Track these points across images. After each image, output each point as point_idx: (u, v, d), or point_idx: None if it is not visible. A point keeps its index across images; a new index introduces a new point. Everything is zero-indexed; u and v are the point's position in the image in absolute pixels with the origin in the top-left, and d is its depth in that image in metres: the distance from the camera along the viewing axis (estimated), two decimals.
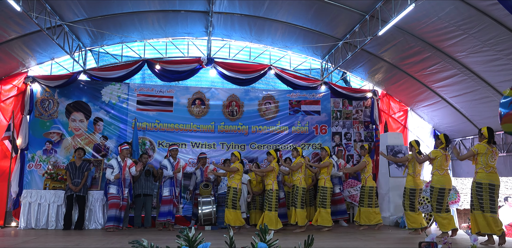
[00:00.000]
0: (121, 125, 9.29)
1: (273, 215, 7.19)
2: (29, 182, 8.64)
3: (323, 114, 10.13)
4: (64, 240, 6.30)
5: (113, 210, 7.47)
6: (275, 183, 7.37)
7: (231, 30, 9.42)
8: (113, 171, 7.60)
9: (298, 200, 7.41)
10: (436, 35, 7.26)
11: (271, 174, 7.38)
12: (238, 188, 7.37)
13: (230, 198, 7.35)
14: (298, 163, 7.56)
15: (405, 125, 10.35)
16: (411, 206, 7.22)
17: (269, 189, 7.30)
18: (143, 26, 9.01)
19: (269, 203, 7.23)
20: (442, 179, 6.58)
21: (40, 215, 7.83)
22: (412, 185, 7.26)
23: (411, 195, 7.22)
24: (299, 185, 7.46)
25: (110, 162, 7.76)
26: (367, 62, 9.48)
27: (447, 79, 8.25)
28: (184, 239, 2.54)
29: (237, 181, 7.40)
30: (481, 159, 5.91)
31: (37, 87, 9.12)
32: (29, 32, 7.88)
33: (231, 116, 9.81)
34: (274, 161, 7.44)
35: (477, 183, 5.87)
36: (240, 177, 7.47)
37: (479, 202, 5.81)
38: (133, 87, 9.51)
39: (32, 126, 8.92)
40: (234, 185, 7.38)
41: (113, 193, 7.54)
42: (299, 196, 7.42)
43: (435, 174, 6.66)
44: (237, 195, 7.34)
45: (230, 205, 7.32)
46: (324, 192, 7.63)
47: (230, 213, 7.32)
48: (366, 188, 7.86)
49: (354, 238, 6.56)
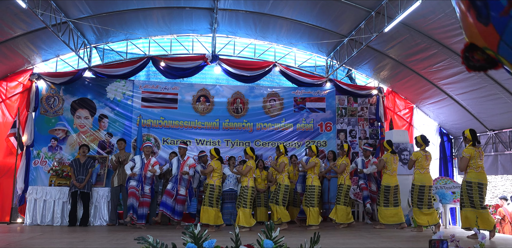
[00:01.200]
0: (126, 122, 9.31)
1: (247, 212, 7.11)
2: (34, 178, 8.68)
3: (328, 111, 10.10)
4: (69, 236, 6.32)
5: (131, 199, 7.46)
6: (251, 180, 7.25)
7: (236, 27, 9.39)
8: (134, 166, 7.62)
9: (280, 198, 7.31)
10: (442, 32, 7.21)
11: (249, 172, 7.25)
12: (216, 185, 7.16)
13: (207, 196, 7.13)
14: (281, 163, 7.44)
15: (411, 122, 10.31)
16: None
17: (245, 186, 7.18)
18: (148, 23, 9.00)
19: (244, 200, 7.12)
20: (422, 177, 6.95)
21: (46, 212, 7.86)
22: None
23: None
24: (282, 183, 7.38)
25: (134, 157, 7.77)
26: (372, 59, 9.43)
27: (453, 76, 8.20)
28: (190, 236, 2.53)
29: (215, 178, 7.19)
30: (471, 162, 6.17)
31: (43, 84, 9.15)
32: (34, 29, 7.89)
33: (236, 113, 9.80)
34: (252, 160, 7.34)
35: (467, 182, 6.15)
36: (218, 174, 7.24)
37: (469, 200, 6.08)
38: (138, 84, 9.52)
39: (37, 123, 8.95)
40: (211, 182, 7.19)
41: (133, 185, 7.57)
42: (281, 193, 7.34)
43: (416, 173, 7.03)
44: (214, 193, 7.15)
45: (207, 203, 7.10)
46: (311, 191, 7.47)
47: (207, 211, 7.07)
48: (344, 187, 7.66)
49: (360, 235, 6.54)
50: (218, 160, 7.33)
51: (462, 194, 6.18)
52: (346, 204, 7.60)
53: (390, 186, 7.48)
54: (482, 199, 6.04)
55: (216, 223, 7.07)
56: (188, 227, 2.56)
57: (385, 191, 7.46)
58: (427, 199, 6.90)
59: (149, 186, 7.68)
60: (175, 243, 2.61)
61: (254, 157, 7.49)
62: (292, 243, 3.51)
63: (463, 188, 6.18)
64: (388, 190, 7.46)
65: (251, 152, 7.42)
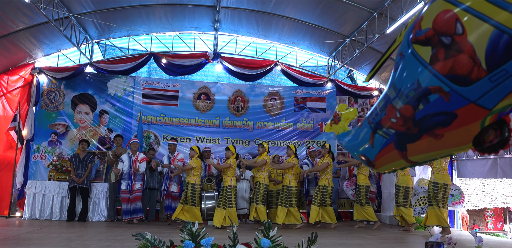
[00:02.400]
0: (126, 118, 9.31)
1: (233, 212, 7.10)
2: (34, 173, 8.69)
3: (329, 112, 10.10)
4: (67, 231, 6.34)
5: (124, 205, 7.56)
6: (233, 179, 7.22)
7: (238, 25, 9.39)
8: (123, 165, 7.64)
9: (260, 197, 7.27)
10: None
11: (229, 171, 7.19)
12: (196, 184, 7.20)
13: (189, 195, 7.08)
14: (262, 160, 7.38)
15: None
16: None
17: (228, 186, 7.13)
18: (150, 19, 9.00)
19: (229, 200, 7.09)
20: (406, 179, 7.40)
21: (44, 206, 7.88)
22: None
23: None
24: (262, 182, 7.34)
25: (122, 157, 7.77)
26: (374, 60, 9.42)
27: None
28: (188, 233, 2.55)
29: (195, 177, 7.22)
30: (436, 163, 6.70)
31: (44, 78, 9.15)
32: (36, 23, 7.90)
33: (236, 111, 9.81)
34: (233, 157, 7.28)
35: (434, 183, 6.73)
36: (198, 173, 7.23)
37: (436, 199, 6.67)
38: (139, 80, 9.52)
39: (38, 117, 8.96)
40: (191, 181, 7.15)
41: (123, 189, 7.62)
42: (261, 192, 7.30)
43: (401, 175, 7.40)
44: (195, 191, 7.14)
45: (189, 202, 7.06)
46: (288, 191, 7.42)
47: (192, 210, 7.04)
48: (328, 189, 7.61)
49: (357, 236, 6.56)
50: (199, 158, 7.32)
51: (430, 194, 6.76)
52: (331, 205, 7.65)
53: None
54: (445, 199, 6.72)
55: (199, 221, 7.04)
56: (186, 225, 2.57)
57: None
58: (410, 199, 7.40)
59: (140, 182, 7.69)
60: (173, 240, 2.63)
61: (235, 155, 7.39)
62: (290, 242, 3.52)
63: (430, 188, 6.77)
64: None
65: (234, 149, 7.38)
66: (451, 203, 8.15)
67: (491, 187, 15.30)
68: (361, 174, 7.84)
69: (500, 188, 14.07)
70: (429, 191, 6.81)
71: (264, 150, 7.56)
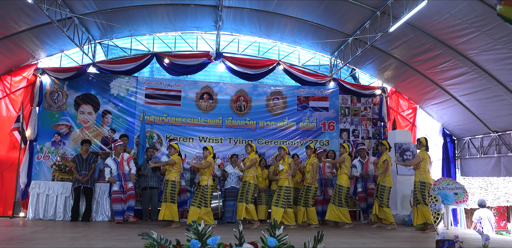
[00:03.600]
0: (129, 118, 9.32)
1: (208, 211, 7.05)
2: (37, 173, 8.71)
3: (331, 111, 10.09)
4: (71, 231, 6.35)
5: (117, 205, 7.57)
6: (210, 179, 7.16)
7: (240, 24, 9.38)
8: (111, 170, 7.66)
9: (249, 196, 7.20)
10: (448, 32, 7.19)
11: (207, 170, 7.13)
12: (176, 181, 7.13)
13: (168, 192, 7.03)
14: (252, 159, 7.30)
15: (414, 123, 10.29)
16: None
17: (204, 185, 7.07)
18: (152, 19, 9.00)
19: (205, 199, 7.04)
20: (391, 180, 7.68)
21: (48, 206, 7.89)
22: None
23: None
24: (252, 182, 7.26)
25: (106, 162, 7.77)
26: (376, 59, 9.41)
27: (457, 77, 8.18)
28: (194, 232, 2.54)
29: (175, 174, 7.15)
30: (423, 164, 7.18)
31: (47, 79, 9.17)
32: (39, 24, 7.90)
33: (239, 111, 9.80)
34: (210, 156, 7.23)
35: (421, 182, 7.14)
36: (178, 170, 7.20)
37: (423, 198, 7.06)
38: (141, 80, 9.53)
39: (41, 117, 8.98)
40: (172, 178, 7.10)
41: (115, 189, 7.65)
42: (250, 192, 7.22)
43: (386, 175, 7.60)
44: (175, 189, 7.09)
45: (169, 199, 7.02)
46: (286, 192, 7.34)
47: (170, 207, 7.02)
48: (312, 188, 7.55)
49: (361, 235, 6.55)
50: (179, 156, 7.32)
51: (416, 193, 7.14)
52: (313, 206, 7.63)
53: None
54: (428, 197, 7.22)
55: (176, 219, 7.05)
56: (192, 224, 2.57)
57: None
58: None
59: (130, 181, 7.70)
60: (179, 239, 2.63)
61: (212, 154, 7.37)
62: (296, 241, 3.52)
63: (417, 187, 7.14)
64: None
65: (211, 148, 7.35)
66: (455, 201, 8.15)
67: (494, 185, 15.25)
68: (343, 174, 7.66)
69: (503, 186, 14.02)
70: (415, 191, 7.17)
71: (252, 150, 7.46)
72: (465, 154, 9.93)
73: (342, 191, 7.56)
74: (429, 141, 10.14)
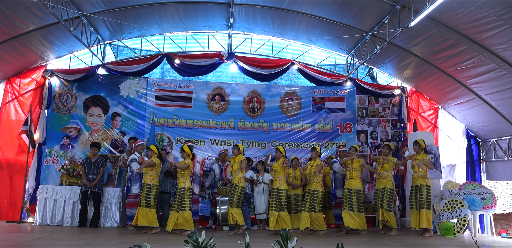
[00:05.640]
0: (139, 120, 9.08)
1: (188, 215, 6.66)
2: (46, 177, 8.52)
3: (348, 112, 9.68)
4: (76, 238, 6.07)
5: (134, 210, 7.19)
6: (188, 181, 6.78)
7: (253, 23, 9.07)
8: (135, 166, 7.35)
9: (234, 199, 6.78)
10: (473, 26, 6.74)
11: (184, 172, 6.76)
12: (152, 184, 6.76)
13: (143, 196, 6.69)
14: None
15: (436, 124, 9.80)
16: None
17: (181, 188, 6.71)
18: (162, 19, 8.76)
19: (183, 202, 6.67)
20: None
21: (56, 211, 7.65)
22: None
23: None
24: (238, 184, 6.85)
25: (132, 156, 7.45)
26: (395, 57, 8.98)
27: (483, 75, 7.71)
28: (193, 245, 2.20)
29: (151, 177, 6.78)
30: (421, 168, 7.08)
31: (56, 81, 9.00)
32: (47, 23, 7.75)
33: (252, 112, 9.47)
34: (188, 158, 6.86)
35: (427, 186, 7.06)
36: (155, 173, 6.85)
37: (428, 202, 7.01)
38: (152, 81, 9.29)
39: (50, 120, 8.82)
40: (147, 181, 6.75)
41: (133, 193, 7.34)
42: (236, 195, 6.80)
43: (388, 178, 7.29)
44: (151, 192, 6.72)
45: (144, 204, 6.66)
46: (279, 194, 6.94)
47: (146, 213, 6.65)
48: (318, 193, 7.06)
49: (382, 243, 6.11)
50: (158, 158, 6.94)
51: (422, 196, 7.00)
52: (320, 211, 7.11)
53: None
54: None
55: (155, 225, 6.69)
56: (192, 235, 2.23)
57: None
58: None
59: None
60: None
61: (191, 155, 6.99)
62: None
63: (424, 190, 7.02)
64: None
65: (189, 150, 6.95)
66: (482, 207, 7.64)
67: None
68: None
69: None
70: (421, 194, 7.01)
71: (239, 152, 7.08)
72: (491, 157, 9.40)
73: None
74: (451, 143, 9.80)
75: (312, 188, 7.11)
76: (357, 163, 7.25)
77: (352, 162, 7.27)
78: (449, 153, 9.59)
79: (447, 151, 9.51)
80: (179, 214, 6.67)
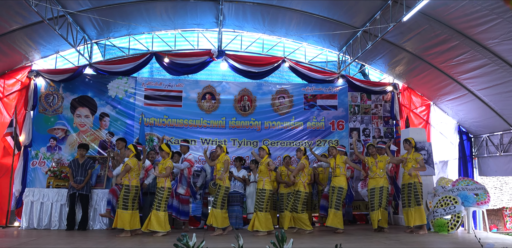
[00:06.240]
0: (128, 120, 8.89)
1: (162, 215, 6.51)
2: (32, 180, 8.31)
3: (340, 109, 9.59)
4: (64, 242, 5.88)
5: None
6: (168, 180, 6.63)
7: (243, 20, 8.93)
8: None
9: (218, 200, 6.66)
10: (465, 21, 6.67)
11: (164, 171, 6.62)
12: (131, 185, 6.51)
13: (121, 197, 6.49)
14: (225, 161, 6.76)
15: (428, 120, 9.75)
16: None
17: (161, 187, 6.59)
18: (150, 17, 8.57)
19: (159, 202, 6.52)
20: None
21: (43, 215, 7.45)
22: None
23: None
24: (223, 184, 6.73)
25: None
26: (387, 53, 8.90)
27: (475, 70, 7.65)
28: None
29: (131, 178, 6.54)
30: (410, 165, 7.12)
31: (41, 81, 8.78)
32: (31, 22, 7.52)
33: (243, 111, 9.33)
34: (168, 158, 6.74)
35: (420, 183, 7.12)
36: (134, 174, 6.57)
37: (421, 199, 7.05)
38: (140, 81, 9.10)
39: (36, 122, 8.59)
40: (126, 182, 6.51)
41: None
42: (220, 195, 6.67)
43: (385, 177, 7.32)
44: (129, 194, 6.48)
45: (121, 205, 6.47)
46: (262, 195, 6.77)
47: (122, 215, 6.43)
48: (301, 194, 6.96)
49: (377, 242, 6.02)
50: (135, 157, 6.68)
51: (417, 193, 7.05)
52: (303, 211, 6.97)
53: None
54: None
55: (132, 227, 6.46)
56: (182, 238, 2.09)
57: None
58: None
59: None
60: None
61: (170, 154, 6.84)
62: None
63: (418, 188, 7.07)
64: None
65: (167, 148, 6.80)
66: (476, 203, 7.59)
67: (510, 185, 14.68)
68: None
69: None
70: (416, 192, 7.05)
71: (222, 151, 6.95)
72: (483, 153, 9.37)
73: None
74: (444, 140, 9.76)
75: (296, 188, 7.06)
76: (340, 160, 7.17)
77: (336, 159, 7.20)
78: (441, 150, 9.55)
79: (439, 147, 9.47)
80: (152, 213, 6.51)
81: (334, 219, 6.98)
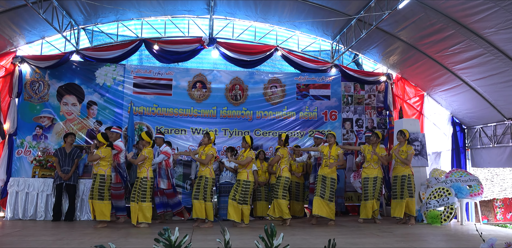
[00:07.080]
0: (116, 109, 8.68)
1: (146, 206, 6.37)
2: (17, 169, 8.09)
3: (333, 99, 9.44)
4: (49, 233, 5.72)
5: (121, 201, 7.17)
6: (150, 170, 6.50)
7: (235, 7, 8.70)
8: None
9: (208, 192, 6.50)
10: (462, 9, 6.51)
11: (146, 161, 6.48)
12: (107, 175, 6.39)
13: (96, 187, 6.33)
14: (208, 155, 6.58)
15: (421, 111, 9.65)
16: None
17: (143, 177, 6.43)
18: (140, 1, 8.31)
19: (144, 193, 6.37)
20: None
21: (28, 205, 7.26)
22: None
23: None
24: (209, 176, 6.56)
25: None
26: (381, 43, 8.74)
27: (470, 60, 7.52)
28: (165, 244, 1.92)
29: (104, 168, 6.40)
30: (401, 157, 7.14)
31: (27, 68, 8.51)
32: (14, 6, 7.22)
33: (235, 100, 9.15)
34: (148, 147, 6.57)
35: (413, 174, 7.18)
36: (108, 163, 6.44)
37: (414, 190, 7.12)
38: (129, 68, 8.87)
39: (21, 109, 8.34)
40: (100, 171, 6.36)
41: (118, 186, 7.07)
42: (209, 187, 6.53)
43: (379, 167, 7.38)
44: (104, 184, 6.37)
45: (96, 196, 6.31)
46: (246, 187, 6.67)
47: (99, 205, 6.32)
48: (282, 179, 6.86)
49: (370, 233, 5.94)
50: (109, 147, 6.52)
51: (410, 185, 7.06)
52: (284, 197, 6.82)
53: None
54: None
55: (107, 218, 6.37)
56: (163, 233, 1.94)
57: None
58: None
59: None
60: None
61: (151, 143, 6.67)
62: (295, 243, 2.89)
63: (412, 180, 7.09)
64: None
65: (147, 137, 6.62)
66: (469, 194, 7.54)
67: (500, 177, 14.72)
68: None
69: (510, 177, 13.52)
70: (409, 184, 7.06)
71: (209, 141, 6.73)
72: (476, 144, 9.31)
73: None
74: (437, 131, 9.68)
75: (277, 175, 6.96)
76: (336, 151, 7.03)
77: (331, 149, 7.06)
78: (434, 141, 9.48)
79: (432, 138, 9.39)
80: (138, 205, 6.37)
81: (328, 210, 6.85)
